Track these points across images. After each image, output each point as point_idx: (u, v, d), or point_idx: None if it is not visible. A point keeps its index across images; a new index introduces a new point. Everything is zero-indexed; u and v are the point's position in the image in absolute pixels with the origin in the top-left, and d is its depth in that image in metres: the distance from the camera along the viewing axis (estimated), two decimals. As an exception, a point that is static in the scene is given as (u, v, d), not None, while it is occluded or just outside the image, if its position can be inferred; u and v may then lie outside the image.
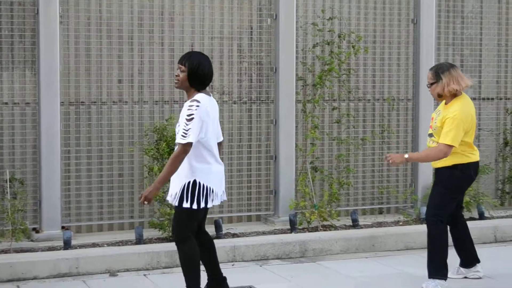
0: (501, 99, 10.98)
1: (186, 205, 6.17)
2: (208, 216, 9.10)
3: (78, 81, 8.94)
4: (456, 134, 6.99)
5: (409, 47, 10.38)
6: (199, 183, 6.19)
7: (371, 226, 9.50)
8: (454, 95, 7.19)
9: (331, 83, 9.81)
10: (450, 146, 6.98)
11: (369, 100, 10.27)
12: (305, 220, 9.25)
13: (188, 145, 6.07)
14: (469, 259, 7.58)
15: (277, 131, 9.59)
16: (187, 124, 6.07)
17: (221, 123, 9.39)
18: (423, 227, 8.91)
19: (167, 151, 8.58)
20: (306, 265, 8.25)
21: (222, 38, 9.54)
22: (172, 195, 6.32)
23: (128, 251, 8.02)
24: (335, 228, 9.30)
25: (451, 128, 7.00)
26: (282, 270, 7.99)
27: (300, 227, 9.22)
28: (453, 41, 10.67)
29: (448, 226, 7.40)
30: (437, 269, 7.17)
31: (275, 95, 9.62)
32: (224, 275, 6.63)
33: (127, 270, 7.86)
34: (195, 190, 6.18)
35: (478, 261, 7.59)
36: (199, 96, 6.20)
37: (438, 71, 7.19)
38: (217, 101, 9.33)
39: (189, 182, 6.18)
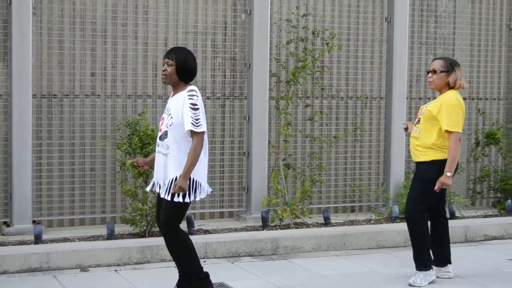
0: (473, 99, 11.05)
1: (178, 199, 6.17)
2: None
3: (50, 73, 8.86)
4: (457, 119, 7.15)
5: (382, 45, 10.41)
6: (190, 176, 6.19)
7: (343, 224, 9.51)
8: (450, 87, 7.31)
9: (305, 80, 9.81)
10: (459, 133, 7.14)
11: (342, 98, 10.28)
12: (277, 218, 9.25)
13: (203, 133, 6.18)
14: (443, 258, 7.61)
15: (250, 127, 9.58)
16: (194, 113, 6.14)
17: (194, 118, 9.43)
18: (395, 226, 9.00)
19: (140, 146, 8.53)
20: (278, 263, 8.24)
21: (196, 33, 9.50)
22: (161, 187, 6.32)
23: (100, 246, 7.95)
24: (307, 225, 9.31)
25: (454, 113, 7.14)
26: (254, 267, 7.98)
27: (272, 224, 9.21)
28: (427, 40, 10.72)
29: (429, 223, 7.49)
30: (423, 261, 7.32)
31: (248, 91, 9.60)
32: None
33: (98, 266, 7.81)
34: (188, 183, 6.17)
35: (450, 262, 7.63)
36: (194, 87, 6.28)
37: (452, 63, 7.33)
38: (190, 96, 9.38)
39: (180, 175, 6.18)
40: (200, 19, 9.50)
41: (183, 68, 6.29)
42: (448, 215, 9.84)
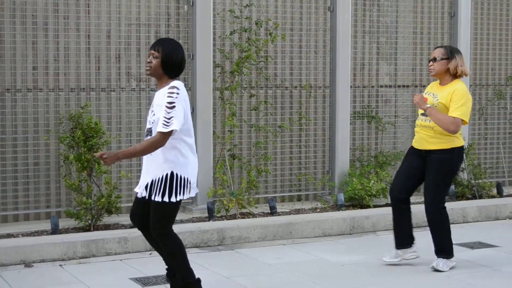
0: (416, 86, 11.15)
1: (171, 198, 5.99)
2: (125, 205, 9.10)
3: (-9, 68, 8.78)
4: (467, 110, 7.29)
5: (326, 34, 10.46)
6: (176, 174, 6.00)
7: (289, 213, 9.56)
8: (455, 76, 7.44)
9: (249, 70, 9.82)
10: (463, 122, 7.27)
11: (287, 87, 10.32)
12: (223, 208, 9.26)
13: (170, 133, 5.89)
14: (408, 238, 7.73)
15: (194, 118, 9.53)
16: (168, 112, 5.86)
17: (139, 110, 9.41)
18: (341, 214, 9.09)
19: (83, 139, 8.48)
20: (224, 253, 8.26)
21: (139, 25, 9.45)
22: (144, 187, 6.13)
23: (44, 241, 7.89)
24: (253, 215, 9.33)
25: (463, 102, 7.25)
26: (200, 258, 7.98)
27: (218, 215, 9.22)
28: (370, 28, 10.79)
29: (397, 206, 7.63)
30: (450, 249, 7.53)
31: (192, 82, 9.59)
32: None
33: (43, 261, 7.75)
34: (176, 182, 6.00)
35: (414, 239, 7.76)
36: (177, 83, 6.01)
37: (452, 50, 7.49)
38: (134, 88, 9.35)
39: (166, 175, 5.99)
40: (142, 10, 9.45)
41: (168, 62, 6.01)
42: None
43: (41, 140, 8.93)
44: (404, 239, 7.68)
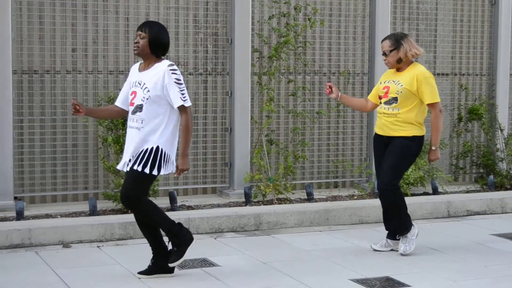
0: (455, 74, 11.05)
1: (150, 170, 6.19)
2: (162, 188, 9.13)
3: (31, 49, 8.79)
4: (436, 90, 7.36)
5: (365, 20, 10.39)
6: (162, 150, 6.23)
7: (326, 200, 9.52)
8: (410, 62, 7.42)
9: (287, 56, 9.77)
10: (439, 103, 7.33)
11: (325, 73, 10.26)
12: (260, 193, 9.24)
13: (190, 108, 6.27)
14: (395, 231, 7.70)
15: (232, 103, 9.55)
16: (180, 89, 6.20)
17: (177, 94, 9.38)
18: (377, 201, 8.95)
19: (121, 122, 8.48)
20: (261, 238, 8.24)
21: (178, 8, 9.44)
22: (129, 159, 6.30)
23: (82, 223, 7.92)
24: (290, 201, 9.31)
25: (431, 84, 7.30)
26: (237, 242, 7.97)
27: (255, 200, 9.21)
28: (409, 15, 10.69)
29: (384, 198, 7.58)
30: (406, 227, 7.58)
31: (230, 66, 9.56)
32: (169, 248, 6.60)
33: (81, 242, 7.78)
34: (160, 157, 6.21)
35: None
36: (171, 62, 6.32)
37: (398, 38, 7.42)
38: (173, 72, 9.33)
39: (152, 148, 6.21)
40: (182, -6, 9.46)
41: (155, 42, 6.28)
42: (431, 191, 9.95)
43: (79, 122, 8.97)
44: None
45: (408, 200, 9.28)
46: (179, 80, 6.21)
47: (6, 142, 8.48)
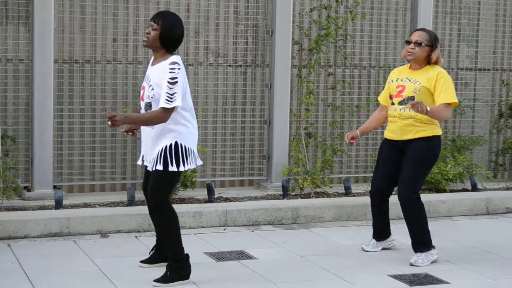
0: (497, 70, 10.92)
1: (172, 168, 6.00)
2: (200, 179, 9.13)
3: (72, 38, 8.82)
4: (454, 92, 6.95)
5: (406, 14, 10.30)
6: (181, 144, 6.02)
7: (364, 194, 9.46)
8: (428, 62, 7.04)
9: (327, 49, 9.72)
10: (453, 104, 6.94)
11: (365, 67, 10.20)
12: (298, 187, 9.21)
13: (173, 109, 5.90)
14: (387, 231, 7.55)
15: (271, 95, 9.52)
16: (171, 88, 5.85)
17: (216, 86, 9.40)
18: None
19: (161, 113, 8.48)
20: (298, 232, 8.22)
21: (219, -1, 9.44)
22: (149, 160, 6.15)
23: (120, 213, 7.95)
24: (328, 195, 9.27)
25: (449, 85, 6.91)
26: (274, 235, 7.96)
27: (292, 193, 9.18)
28: (451, 9, 10.58)
29: (375, 198, 7.39)
30: (426, 241, 7.14)
31: (270, 59, 9.53)
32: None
33: (119, 232, 7.81)
34: (178, 152, 6.01)
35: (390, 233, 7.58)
36: (177, 58, 6.00)
37: (436, 38, 7.07)
38: (212, 63, 9.33)
39: (171, 145, 6.00)
40: (223, -16, 9.44)
41: (167, 36, 5.96)
42: (470, 187, 9.85)
43: (119, 112, 8.98)
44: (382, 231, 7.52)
45: (446, 196, 9.33)
46: (173, 79, 5.86)
47: (47, 131, 8.53)
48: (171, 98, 5.86)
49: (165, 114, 5.89)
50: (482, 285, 6.52)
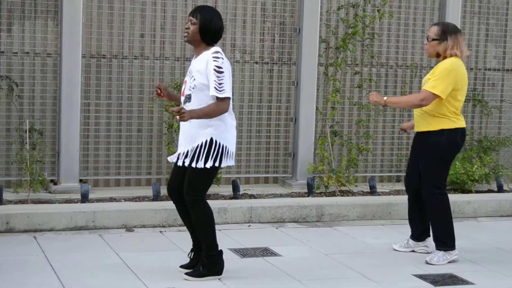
0: (523, 68, 10.85)
1: (209, 164, 5.98)
2: (225, 176, 9.14)
3: (100, 33, 8.86)
4: (443, 85, 6.68)
5: (434, 13, 10.25)
6: (216, 141, 5.98)
7: (389, 193, 9.45)
8: (438, 56, 6.90)
9: (354, 47, 9.70)
10: (434, 95, 6.68)
11: (392, 66, 10.16)
12: (323, 185, 9.20)
13: (228, 100, 5.91)
14: (423, 232, 7.37)
15: (298, 93, 9.51)
16: (218, 77, 5.86)
17: (242, 83, 9.40)
18: (442, 197, 8.84)
19: (187, 109, 8.50)
20: (322, 230, 8.21)
21: (246, -4, 9.44)
22: (185, 155, 6.08)
23: (145, 207, 7.99)
24: (353, 194, 9.26)
25: (439, 77, 6.69)
26: (298, 233, 7.96)
27: (317, 191, 9.17)
28: (479, 9, 10.53)
29: (410, 197, 7.31)
30: (449, 239, 7.06)
31: (297, 56, 9.52)
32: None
33: (144, 226, 7.84)
34: (211, 150, 5.97)
35: (429, 235, 7.33)
36: (219, 49, 6.01)
37: (446, 31, 6.83)
38: (238, 60, 9.34)
39: (206, 141, 5.97)
40: (250, -18, 9.44)
41: (206, 29, 5.97)
42: (496, 188, 9.79)
43: (145, 107, 9.01)
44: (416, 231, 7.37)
45: (472, 197, 9.27)
46: (220, 68, 5.88)
47: (74, 125, 8.57)
48: (220, 87, 5.87)
49: (222, 102, 5.90)
50: (507, 286, 6.49)
